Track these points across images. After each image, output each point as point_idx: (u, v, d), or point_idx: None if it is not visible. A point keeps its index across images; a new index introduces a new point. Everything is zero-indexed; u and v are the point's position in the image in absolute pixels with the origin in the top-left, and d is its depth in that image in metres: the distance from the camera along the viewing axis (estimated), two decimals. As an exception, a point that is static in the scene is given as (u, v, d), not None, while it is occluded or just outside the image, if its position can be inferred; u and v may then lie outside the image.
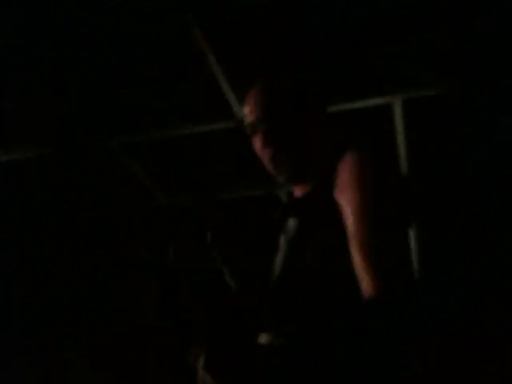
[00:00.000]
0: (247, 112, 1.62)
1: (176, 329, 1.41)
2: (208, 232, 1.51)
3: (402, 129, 3.13)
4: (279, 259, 1.62)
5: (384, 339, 1.38)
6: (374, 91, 2.91)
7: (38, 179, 3.97)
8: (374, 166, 1.48)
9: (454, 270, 4.76)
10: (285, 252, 1.60)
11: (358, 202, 1.43)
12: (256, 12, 2.65)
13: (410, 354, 1.42)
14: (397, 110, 3.00)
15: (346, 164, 1.49)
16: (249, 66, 2.73)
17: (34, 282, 5.28)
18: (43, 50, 2.94)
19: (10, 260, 4.90)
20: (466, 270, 4.73)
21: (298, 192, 1.68)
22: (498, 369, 4.66)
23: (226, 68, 2.85)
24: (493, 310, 4.82)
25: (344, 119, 2.97)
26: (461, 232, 4.42)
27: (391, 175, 1.55)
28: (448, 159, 3.52)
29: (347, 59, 2.82)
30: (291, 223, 1.62)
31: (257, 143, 1.61)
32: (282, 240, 1.65)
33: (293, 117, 1.60)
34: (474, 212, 4.12)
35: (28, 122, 3.46)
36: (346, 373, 1.36)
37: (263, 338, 1.44)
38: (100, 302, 5.48)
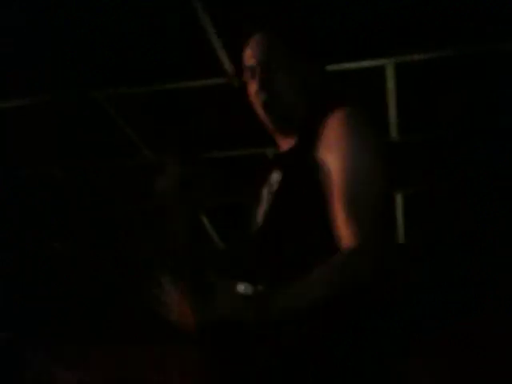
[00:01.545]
0: (248, 56, 1.69)
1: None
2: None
3: (394, 92, 3.13)
4: (261, 211, 1.67)
5: (384, 340, 1.38)
6: (367, 53, 2.91)
7: (38, 179, 3.97)
8: (359, 122, 1.54)
9: (454, 270, 4.75)
10: (268, 204, 1.65)
11: (343, 156, 1.48)
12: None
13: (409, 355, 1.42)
14: (389, 72, 3.02)
15: (333, 119, 1.55)
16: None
17: (34, 282, 5.28)
18: (43, 49, 2.94)
19: (10, 260, 4.90)
20: (466, 270, 4.73)
21: (284, 147, 1.72)
22: (498, 369, 4.66)
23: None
24: (493, 309, 4.82)
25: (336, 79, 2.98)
26: (461, 232, 4.43)
27: (377, 131, 1.60)
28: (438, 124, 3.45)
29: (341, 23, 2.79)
30: (275, 176, 1.67)
31: (252, 87, 1.68)
32: (265, 193, 1.69)
33: (291, 65, 1.66)
34: (473, 205, 4.09)
35: (28, 121, 3.47)
36: (346, 373, 1.36)
37: (241, 288, 1.45)
38: (101, 302, 5.48)
